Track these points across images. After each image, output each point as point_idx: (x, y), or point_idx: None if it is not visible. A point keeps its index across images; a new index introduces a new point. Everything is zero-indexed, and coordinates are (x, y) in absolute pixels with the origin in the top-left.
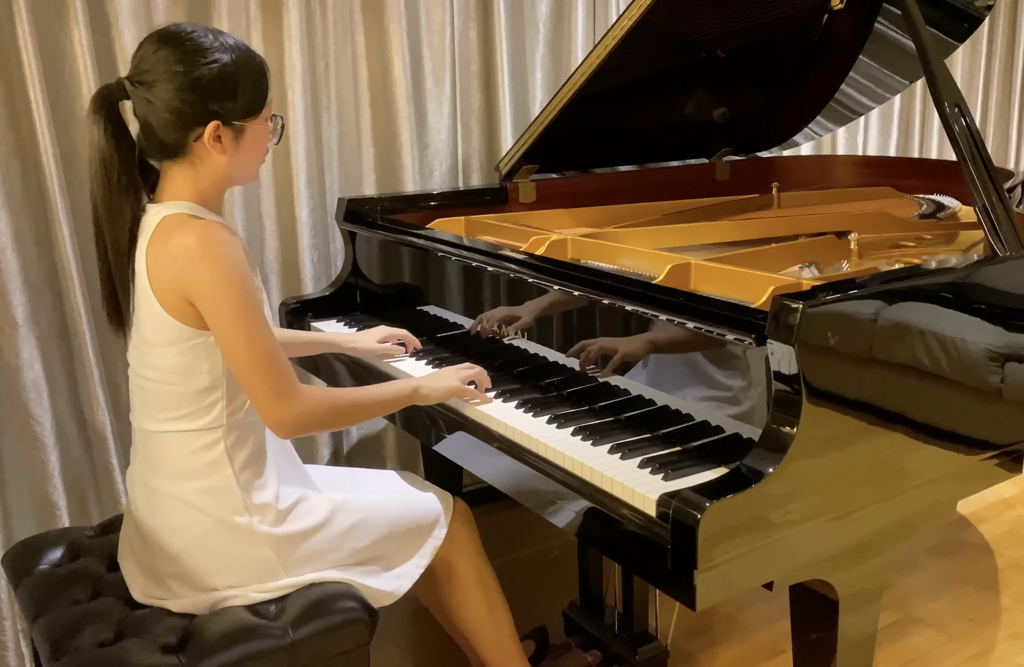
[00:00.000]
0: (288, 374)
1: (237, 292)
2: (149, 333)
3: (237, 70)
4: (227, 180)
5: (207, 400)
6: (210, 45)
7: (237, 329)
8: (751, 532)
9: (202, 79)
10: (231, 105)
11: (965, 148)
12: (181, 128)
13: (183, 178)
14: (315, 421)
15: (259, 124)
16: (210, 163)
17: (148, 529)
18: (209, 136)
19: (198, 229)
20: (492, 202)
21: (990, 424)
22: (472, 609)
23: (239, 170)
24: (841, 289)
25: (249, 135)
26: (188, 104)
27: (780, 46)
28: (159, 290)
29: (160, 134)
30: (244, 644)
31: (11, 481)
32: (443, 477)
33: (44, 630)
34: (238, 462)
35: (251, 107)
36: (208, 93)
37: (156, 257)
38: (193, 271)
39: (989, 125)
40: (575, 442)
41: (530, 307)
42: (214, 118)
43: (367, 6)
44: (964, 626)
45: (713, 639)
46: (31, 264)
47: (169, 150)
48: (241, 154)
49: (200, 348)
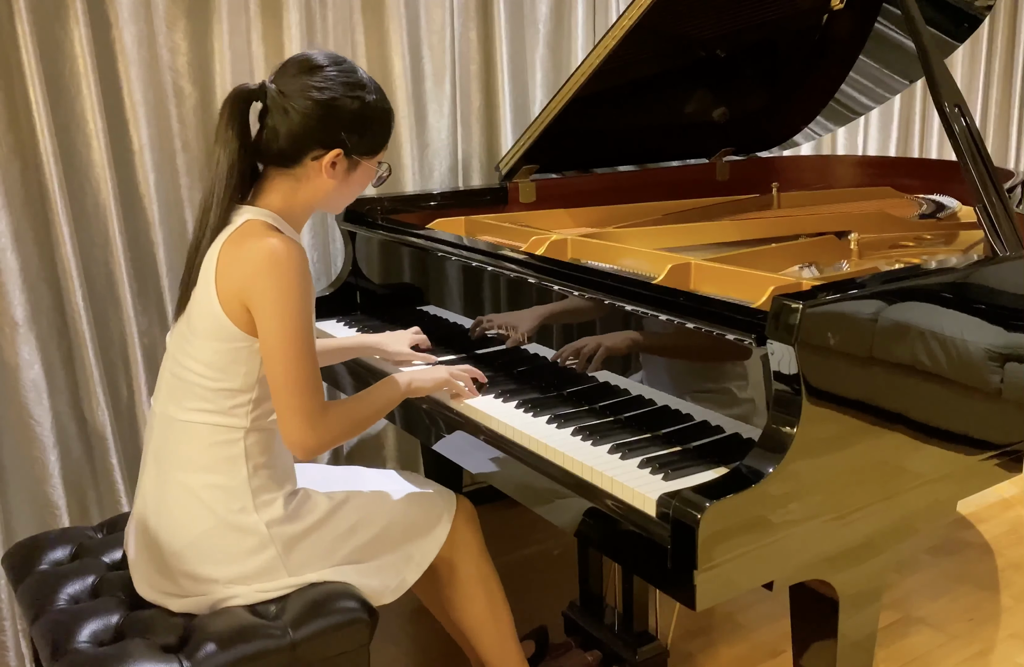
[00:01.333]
0: (320, 399)
1: (293, 311)
2: (199, 324)
3: (374, 111)
4: (319, 205)
5: (235, 401)
6: (356, 81)
7: (284, 346)
8: (751, 532)
9: (344, 108)
10: (358, 140)
11: (965, 148)
12: (305, 144)
13: (282, 189)
14: (334, 442)
15: (371, 164)
16: (314, 184)
17: (157, 521)
18: (328, 160)
19: (275, 241)
20: (492, 202)
21: (990, 424)
22: (473, 608)
23: (334, 200)
24: (841, 289)
25: (360, 171)
26: (322, 126)
27: (780, 46)
28: (222, 288)
29: (283, 142)
30: (244, 644)
31: (11, 481)
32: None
33: (44, 630)
34: (254, 464)
35: (373, 147)
36: (344, 122)
37: (227, 256)
38: (258, 280)
39: (989, 125)
40: (575, 442)
41: (534, 314)
42: (339, 146)
43: (367, 6)
44: (964, 626)
45: (713, 639)
46: (31, 264)
47: (283, 159)
48: (345, 186)
49: (243, 351)
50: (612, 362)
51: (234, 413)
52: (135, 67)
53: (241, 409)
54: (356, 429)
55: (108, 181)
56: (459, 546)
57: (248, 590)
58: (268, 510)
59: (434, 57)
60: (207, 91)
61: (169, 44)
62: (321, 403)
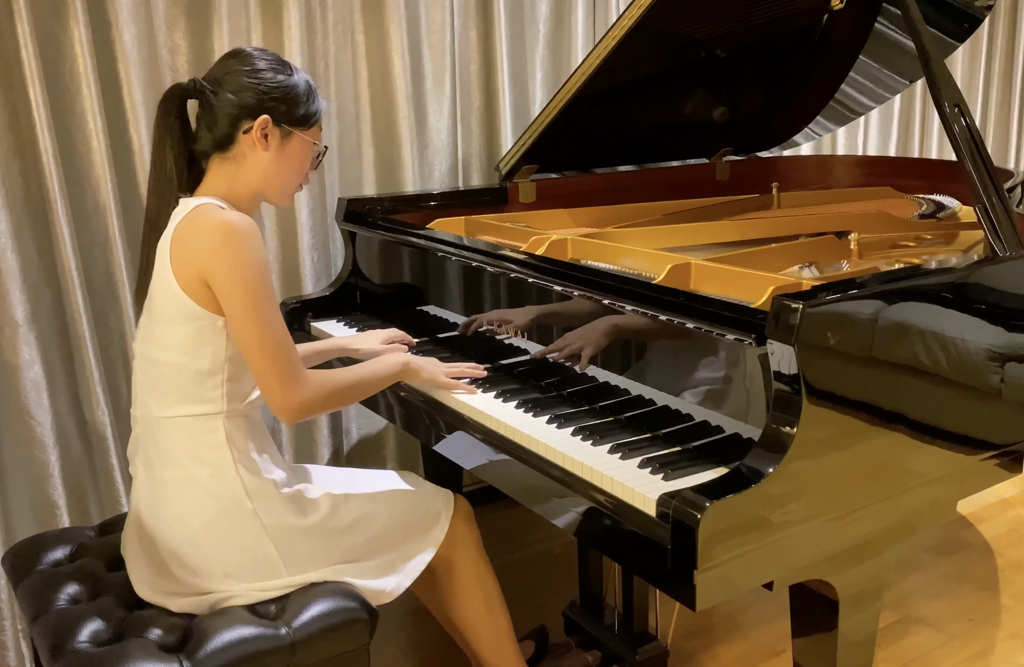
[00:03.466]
0: (296, 361)
1: (254, 279)
2: (160, 311)
3: (296, 85)
4: (262, 185)
5: (207, 384)
6: (280, 62)
7: (251, 314)
8: (751, 532)
9: (265, 79)
10: (285, 108)
11: (965, 148)
12: (234, 119)
13: (223, 174)
14: (319, 404)
15: (306, 137)
16: (252, 161)
17: (153, 519)
18: (258, 128)
19: (228, 215)
20: (492, 202)
21: (990, 424)
22: (470, 607)
23: (275, 179)
24: (841, 289)
25: (295, 143)
26: (248, 97)
27: (780, 46)
28: (179, 269)
29: (218, 126)
30: (244, 644)
31: (11, 481)
32: (443, 477)
33: (44, 630)
34: (238, 449)
35: (301, 119)
36: (269, 92)
37: (180, 240)
38: (215, 254)
39: (989, 125)
40: (575, 442)
41: (529, 311)
42: (265, 113)
43: (367, 6)
44: (964, 626)
45: (713, 639)
46: (31, 264)
47: (220, 144)
48: (282, 161)
49: (207, 330)
50: (612, 362)
51: (209, 398)
52: (135, 67)
53: (215, 392)
54: (343, 395)
55: (108, 181)
56: (457, 545)
57: (247, 589)
58: (261, 497)
59: (434, 57)
60: None
61: (169, 44)
62: (297, 365)
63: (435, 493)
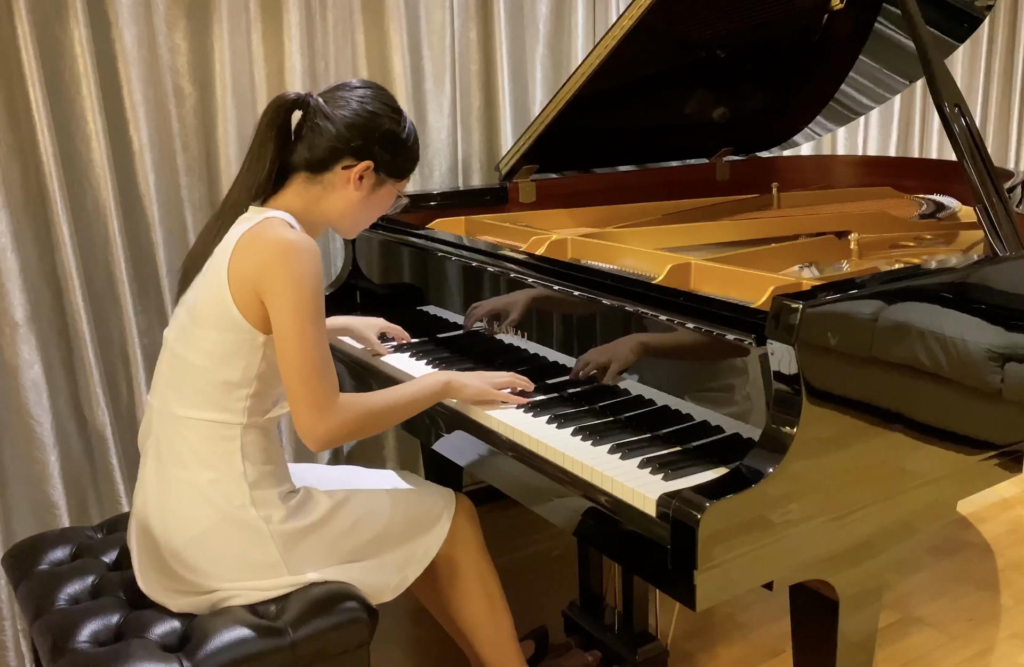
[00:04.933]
0: (332, 388)
1: (307, 301)
2: (204, 312)
3: (408, 138)
4: (338, 219)
5: (232, 395)
6: (396, 106)
7: (296, 334)
8: (751, 532)
9: (382, 125)
10: (390, 159)
11: (965, 148)
12: (338, 153)
13: (306, 194)
14: (347, 433)
15: (395, 188)
16: (339, 194)
17: (158, 517)
18: (358, 171)
19: (293, 234)
20: (492, 202)
21: (990, 424)
22: (472, 606)
23: (352, 217)
24: (841, 289)
25: (383, 192)
26: (360, 136)
27: (780, 46)
28: (234, 278)
29: (318, 149)
30: (244, 644)
31: (11, 481)
32: (443, 477)
33: (44, 630)
34: (250, 461)
35: (400, 171)
36: (380, 138)
37: (244, 249)
38: (272, 271)
39: (989, 125)
40: (575, 442)
41: (520, 303)
42: (371, 159)
43: (367, 6)
44: (964, 626)
45: (713, 639)
46: (31, 264)
47: (315, 165)
48: (367, 203)
49: (245, 343)
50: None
51: (231, 408)
52: (135, 67)
53: (238, 404)
54: (376, 421)
55: (108, 181)
56: (459, 543)
57: (248, 589)
58: (266, 506)
59: (434, 57)
60: (207, 91)
61: (169, 44)
62: (331, 393)
63: (437, 492)
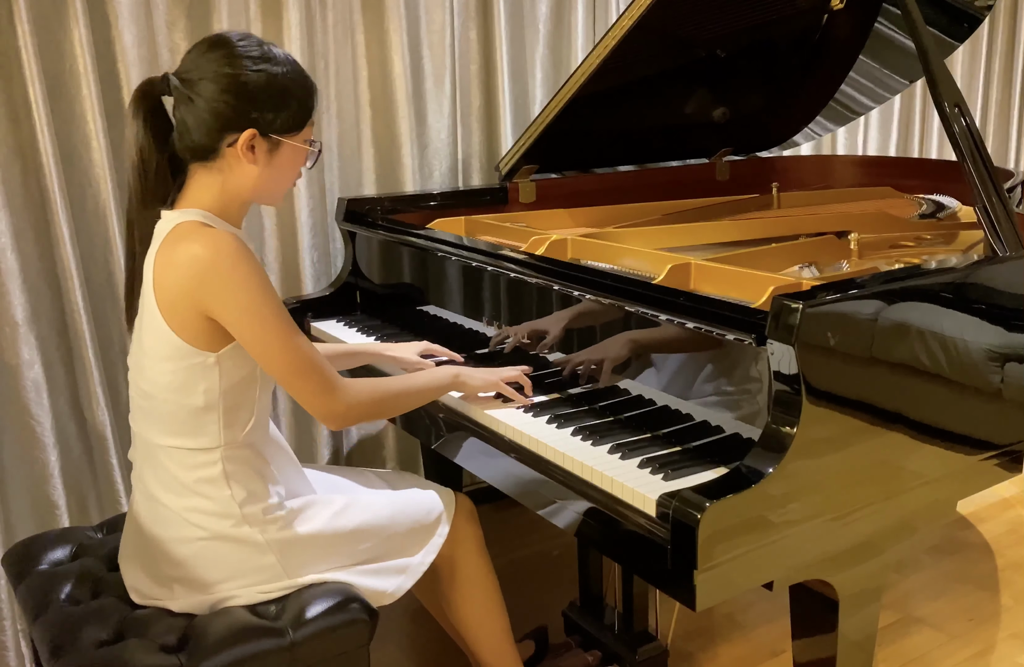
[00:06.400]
0: (328, 370)
1: (260, 299)
2: (148, 344)
3: (286, 83)
4: (252, 194)
5: (203, 420)
6: (262, 54)
7: (269, 336)
8: (751, 532)
9: (248, 84)
10: (272, 117)
11: (965, 148)
12: (217, 131)
13: (207, 185)
14: (364, 411)
15: (297, 142)
16: (239, 173)
17: (150, 535)
18: (243, 144)
19: (206, 238)
20: (492, 202)
21: (990, 424)
22: (470, 606)
23: (266, 187)
24: (841, 289)
25: (285, 152)
26: (229, 107)
27: (780, 46)
28: (164, 302)
29: (195, 135)
30: (244, 644)
31: (11, 481)
32: (443, 477)
33: (44, 630)
34: (236, 482)
35: (292, 123)
36: (252, 100)
37: (163, 267)
38: (208, 284)
39: (989, 125)
40: (575, 442)
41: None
42: (251, 126)
43: (367, 6)
44: (964, 626)
45: (713, 639)
46: (31, 264)
47: (200, 152)
48: (272, 170)
49: (197, 368)
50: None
51: (205, 432)
52: (135, 67)
53: (211, 427)
54: (390, 405)
55: (108, 181)
56: (459, 544)
57: (248, 591)
58: (260, 521)
59: (434, 57)
60: None
61: (169, 44)
62: (330, 372)
63: (436, 493)
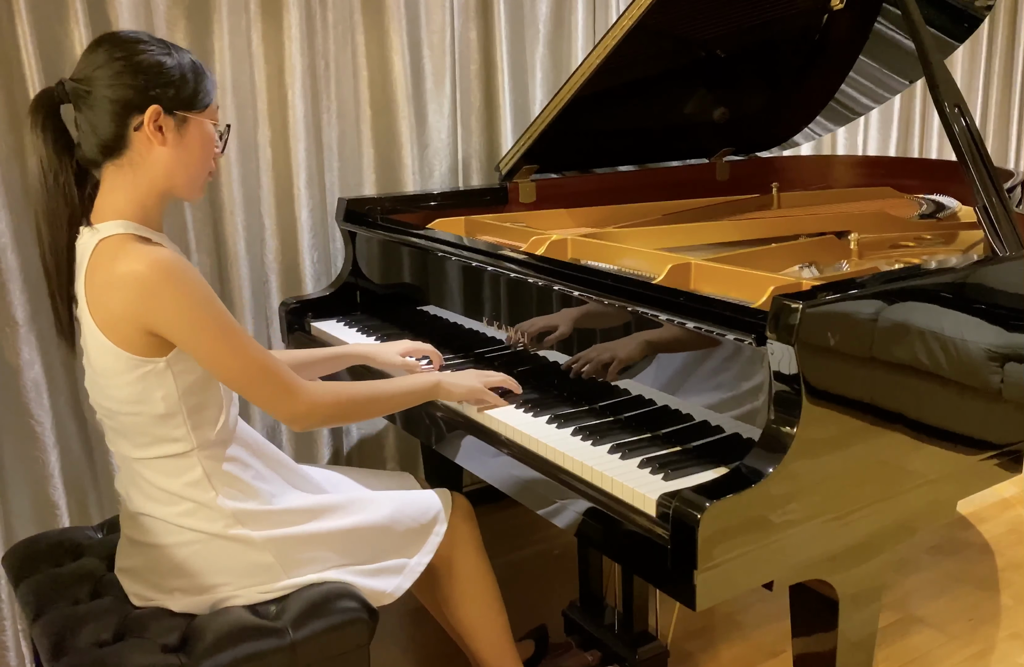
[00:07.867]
0: (285, 371)
1: (208, 312)
2: (97, 363)
3: (178, 63)
4: (167, 182)
5: (169, 425)
6: (149, 39)
7: (221, 348)
8: (751, 532)
9: (142, 63)
10: (172, 92)
11: (965, 148)
12: (120, 115)
13: (120, 185)
14: (329, 413)
15: (205, 118)
16: (151, 161)
17: (145, 549)
18: (149, 122)
19: (144, 256)
20: (492, 202)
21: (990, 424)
22: (468, 606)
23: (181, 172)
24: (841, 289)
25: (193, 129)
26: (127, 87)
27: (780, 46)
28: (103, 322)
29: (100, 129)
30: (244, 644)
31: (11, 481)
32: (443, 477)
33: (44, 630)
34: (219, 481)
35: (194, 99)
36: (147, 77)
37: (100, 287)
38: (152, 301)
39: (989, 125)
40: (575, 442)
41: (546, 321)
42: (154, 102)
43: (367, 6)
44: (964, 626)
45: (713, 639)
46: (31, 264)
47: (108, 146)
48: (183, 152)
49: (151, 376)
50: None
51: (175, 437)
52: None
53: (179, 430)
54: (356, 407)
55: None
56: (457, 543)
57: (248, 591)
58: (253, 521)
59: (434, 57)
60: None
61: None
62: (287, 375)
63: (434, 493)
